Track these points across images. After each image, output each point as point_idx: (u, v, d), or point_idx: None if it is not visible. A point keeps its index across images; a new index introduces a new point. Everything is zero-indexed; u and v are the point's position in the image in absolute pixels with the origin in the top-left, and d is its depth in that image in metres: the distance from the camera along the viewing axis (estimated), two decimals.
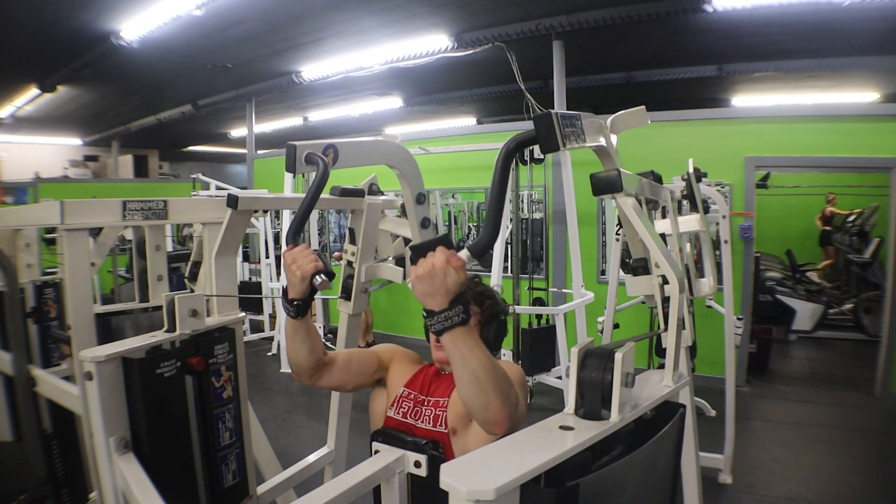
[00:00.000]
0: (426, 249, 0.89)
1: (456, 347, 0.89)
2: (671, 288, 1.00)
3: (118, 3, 4.49)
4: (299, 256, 1.08)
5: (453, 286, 0.87)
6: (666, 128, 4.87)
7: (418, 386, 1.36)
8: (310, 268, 1.07)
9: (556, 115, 0.83)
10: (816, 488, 3.04)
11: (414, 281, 0.88)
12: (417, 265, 0.88)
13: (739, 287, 4.51)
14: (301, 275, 1.07)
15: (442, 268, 0.86)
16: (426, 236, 1.53)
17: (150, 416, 1.12)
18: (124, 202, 1.49)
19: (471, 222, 6.95)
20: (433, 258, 0.87)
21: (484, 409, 0.91)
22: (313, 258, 1.08)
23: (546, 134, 0.83)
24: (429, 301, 0.87)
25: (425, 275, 0.86)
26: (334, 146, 1.12)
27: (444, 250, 0.88)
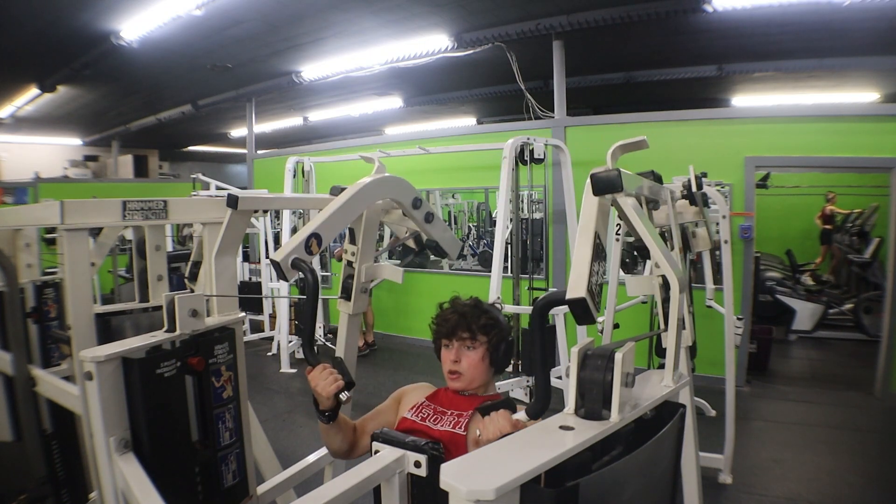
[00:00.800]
0: (491, 409, 1.11)
1: None
2: (671, 288, 1.00)
3: (118, 3, 4.49)
4: (320, 379, 1.20)
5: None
6: (666, 128, 4.87)
7: (438, 400, 1.39)
8: (332, 389, 1.20)
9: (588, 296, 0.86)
10: (816, 488, 3.04)
11: (484, 443, 1.02)
12: (486, 427, 1.06)
13: (739, 287, 4.51)
14: (326, 395, 1.20)
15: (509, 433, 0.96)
16: (435, 227, 1.60)
17: (150, 416, 1.12)
18: (124, 202, 1.49)
19: (471, 222, 6.95)
20: (499, 423, 1.05)
21: None
22: (333, 378, 1.20)
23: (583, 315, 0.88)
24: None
25: (496, 440, 0.99)
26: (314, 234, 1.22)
27: (508, 416, 1.06)
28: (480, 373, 1.36)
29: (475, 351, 1.36)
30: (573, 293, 0.85)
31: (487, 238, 6.62)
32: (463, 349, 1.36)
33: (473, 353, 1.36)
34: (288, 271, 1.16)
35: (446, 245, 1.65)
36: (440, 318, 1.41)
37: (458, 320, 1.37)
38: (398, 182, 1.45)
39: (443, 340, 1.39)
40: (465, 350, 1.36)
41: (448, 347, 1.38)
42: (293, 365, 5.48)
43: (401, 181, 1.46)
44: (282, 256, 1.16)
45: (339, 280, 1.60)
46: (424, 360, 5.67)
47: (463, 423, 1.28)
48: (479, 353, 1.36)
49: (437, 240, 1.62)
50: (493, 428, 1.03)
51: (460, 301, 1.43)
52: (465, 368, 1.35)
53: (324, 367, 1.21)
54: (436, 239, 1.62)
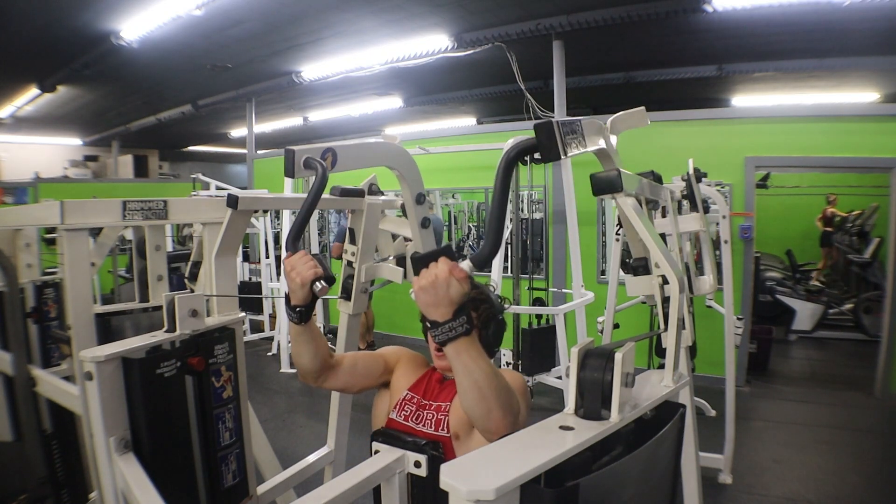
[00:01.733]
0: (428, 260, 0.90)
1: (459, 358, 0.90)
2: (671, 288, 1.00)
3: (118, 3, 4.49)
4: (298, 263, 1.08)
5: (457, 297, 0.87)
6: (666, 128, 4.87)
7: (422, 390, 1.37)
8: (309, 275, 1.07)
9: (556, 123, 0.83)
10: (816, 488, 3.04)
11: (417, 292, 0.88)
12: (420, 276, 0.88)
13: (739, 287, 4.51)
14: (301, 282, 1.08)
15: (445, 279, 0.86)
16: (426, 236, 1.53)
17: (150, 416, 1.12)
18: (124, 202, 1.49)
19: (471, 222, 6.95)
20: (436, 269, 0.87)
21: (485, 417, 0.92)
22: (312, 264, 1.08)
23: (547, 143, 0.83)
24: (432, 312, 0.88)
25: (429, 286, 0.87)
26: (333, 150, 1.11)
27: (447, 261, 0.88)
28: None
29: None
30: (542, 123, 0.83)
31: None
32: None
33: None
34: (298, 167, 1.06)
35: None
36: None
37: None
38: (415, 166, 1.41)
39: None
40: None
41: None
42: (293, 365, 5.47)
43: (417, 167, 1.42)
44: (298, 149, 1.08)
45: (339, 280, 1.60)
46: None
47: (444, 420, 1.27)
48: None
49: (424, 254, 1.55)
50: (428, 273, 0.87)
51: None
52: None
53: (304, 253, 1.11)
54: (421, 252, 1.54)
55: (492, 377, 0.91)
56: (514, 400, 0.96)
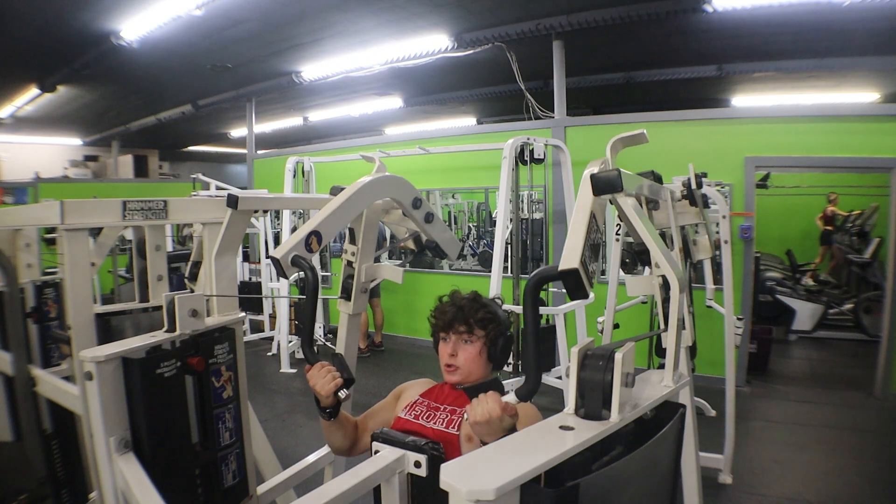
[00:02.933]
0: (479, 391, 1.06)
1: None
2: (671, 288, 1.00)
3: (118, 3, 4.49)
4: (318, 378, 1.21)
5: (508, 427, 0.99)
6: (666, 128, 4.87)
7: (434, 396, 1.39)
8: (331, 387, 1.20)
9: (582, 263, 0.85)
10: (816, 488, 3.04)
11: (473, 424, 1.00)
12: (474, 408, 1.00)
13: (739, 287, 4.51)
14: (325, 394, 1.21)
15: (499, 417, 0.98)
16: (434, 228, 1.59)
17: (150, 416, 1.12)
18: (124, 202, 1.49)
19: (471, 222, 6.95)
20: (487, 405, 0.99)
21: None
22: (332, 377, 1.20)
23: (575, 288, 0.86)
24: (488, 439, 0.99)
25: (484, 422, 0.98)
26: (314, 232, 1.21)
27: (497, 397, 1.00)
28: (477, 367, 1.36)
29: (472, 345, 1.35)
30: (566, 265, 0.84)
31: (487, 238, 6.62)
32: (460, 343, 1.36)
33: (471, 347, 1.35)
34: (288, 269, 1.16)
35: (446, 245, 1.64)
36: (438, 311, 1.40)
37: (455, 313, 1.36)
38: (398, 181, 1.45)
39: (440, 334, 1.39)
40: (462, 344, 1.36)
41: (445, 341, 1.37)
42: (293, 365, 5.48)
43: (401, 181, 1.46)
44: (282, 254, 1.16)
45: (339, 280, 1.60)
46: (426, 360, 5.67)
47: (456, 421, 1.28)
48: (476, 347, 1.35)
49: (436, 240, 1.61)
50: (482, 409, 0.99)
51: (459, 294, 1.42)
52: (461, 362, 1.35)
53: (322, 365, 1.21)
54: (435, 240, 1.61)
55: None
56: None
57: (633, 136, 1.11)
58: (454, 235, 1.69)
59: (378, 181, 1.41)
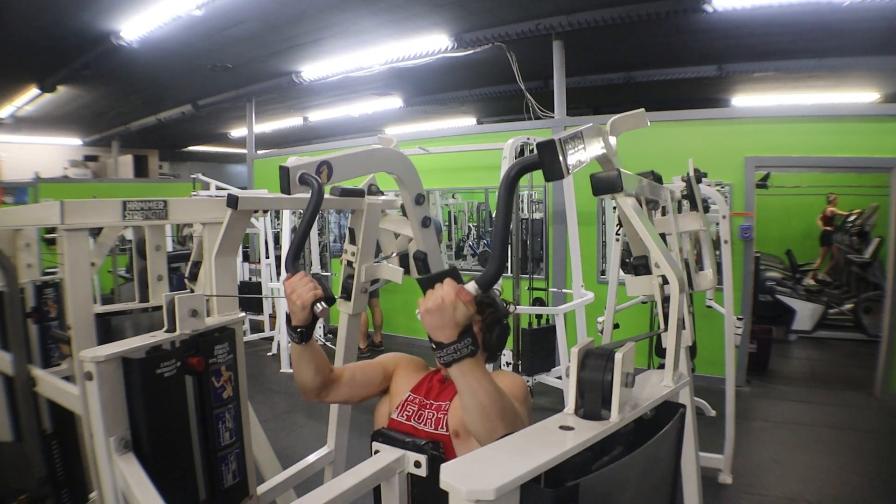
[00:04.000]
0: (434, 281, 0.91)
1: (464, 378, 0.91)
2: (671, 288, 1.00)
3: (118, 3, 4.49)
4: (298, 286, 1.10)
5: (462, 319, 0.89)
6: (666, 128, 4.87)
7: (423, 391, 1.38)
8: (309, 297, 1.09)
9: (559, 140, 0.82)
10: (816, 488, 3.04)
11: (423, 314, 0.89)
12: (426, 298, 0.89)
13: (739, 287, 4.51)
14: (301, 304, 1.09)
15: (451, 302, 0.87)
16: (428, 235, 1.53)
17: (150, 416, 1.12)
18: (124, 202, 1.49)
19: (471, 222, 6.95)
20: (442, 291, 0.88)
21: (488, 436, 0.93)
22: (312, 286, 1.10)
23: (550, 163, 0.83)
24: (438, 334, 0.89)
25: (435, 308, 0.88)
26: (328, 162, 1.12)
27: (453, 283, 0.89)
28: None
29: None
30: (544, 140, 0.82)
31: (487, 238, 6.62)
32: None
33: None
34: (294, 184, 1.08)
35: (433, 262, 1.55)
36: None
37: None
38: (413, 167, 1.41)
39: None
40: None
41: None
42: (293, 365, 5.48)
43: (414, 168, 1.42)
44: (293, 165, 1.09)
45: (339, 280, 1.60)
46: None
47: (443, 420, 1.28)
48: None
49: (427, 251, 1.53)
50: (435, 296, 0.88)
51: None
52: None
53: (303, 275, 1.12)
54: (426, 251, 1.53)
55: (496, 397, 0.93)
56: (518, 418, 0.98)
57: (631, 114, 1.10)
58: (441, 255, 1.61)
59: (397, 153, 1.37)
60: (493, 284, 0.90)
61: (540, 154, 0.83)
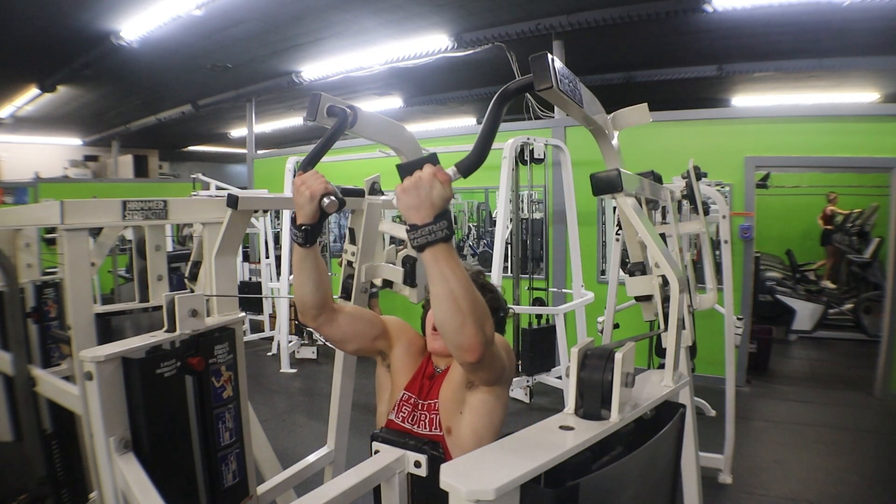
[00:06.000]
0: (413, 167, 0.88)
1: (437, 264, 0.87)
2: (671, 288, 1.00)
3: (118, 3, 4.49)
4: (309, 178, 1.07)
5: (438, 200, 0.86)
6: (666, 128, 4.87)
7: (416, 389, 1.38)
8: (319, 188, 1.06)
9: (551, 57, 0.83)
10: (816, 488, 3.04)
11: (399, 193, 0.86)
12: (405, 183, 0.87)
13: (739, 287, 4.51)
14: (310, 194, 1.06)
15: (428, 180, 0.85)
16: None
17: (150, 416, 1.12)
18: (124, 202, 1.49)
19: (471, 222, 6.95)
20: (420, 172, 0.86)
21: (458, 331, 0.90)
22: (323, 181, 1.07)
23: (541, 71, 0.82)
24: (413, 214, 0.86)
25: (411, 186, 0.85)
26: (356, 108, 1.13)
27: (431, 165, 0.87)
28: None
29: None
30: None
31: (487, 238, 6.62)
32: None
33: None
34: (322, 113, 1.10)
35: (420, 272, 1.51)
36: None
37: None
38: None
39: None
40: None
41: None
42: (293, 365, 5.48)
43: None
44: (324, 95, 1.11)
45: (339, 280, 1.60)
46: None
47: (436, 419, 1.29)
48: None
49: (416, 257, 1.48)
50: (412, 176, 0.86)
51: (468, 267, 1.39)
52: None
53: (315, 172, 1.10)
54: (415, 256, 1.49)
55: (468, 288, 0.89)
56: (488, 322, 0.94)
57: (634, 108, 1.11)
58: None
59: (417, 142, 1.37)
60: (473, 170, 0.88)
61: (532, 63, 0.83)
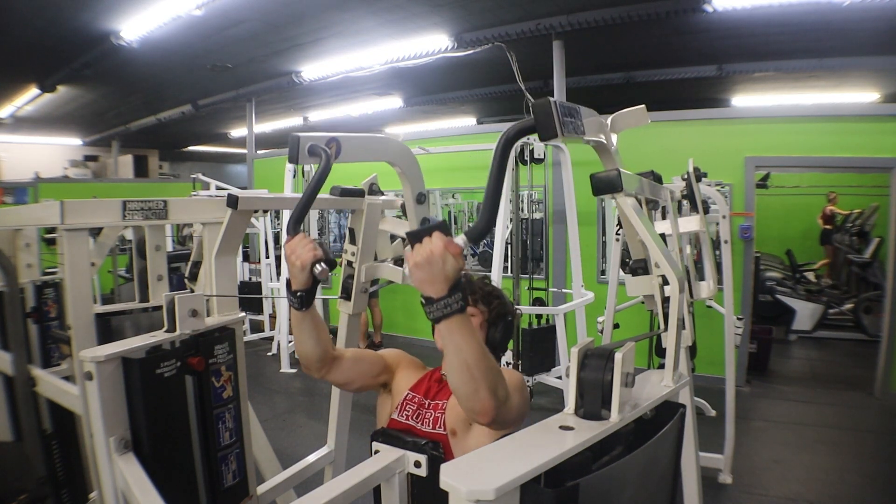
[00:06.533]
0: (423, 235, 0.88)
1: (451, 336, 0.88)
2: (671, 288, 1.00)
3: (118, 3, 4.49)
4: (298, 246, 1.08)
5: (452, 273, 0.86)
6: (666, 128, 4.87)
7: (423, 390, 1.38)
8: (308, 257, 1.06)
9: (554, 102, 0.82)
10: (816, 488, 3.04)
11: (412, 268, 0.87)
12: (415, 251, 0.87)
13: (739, 287, 4.51)
14: (300, 265, 1.07)
15: (440, 254, 0.84)
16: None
17: (150, 416, 1.12)
18: (124, 202, 1.49)
19: (471, 222, 6.95)
20: (430, 244, 0.85)
21: (472, 397, 0.91)
22: (312, 247, 1.07)
23: (544, 120, 0.81)
24: (427, 288, 0.86)
25: (424, 262, 0.85)
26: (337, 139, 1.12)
27: (442, 236, 0.86)
28: None
29: (473, 318, 1.33)
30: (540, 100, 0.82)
31: (487, 238, 6.62)
32: None
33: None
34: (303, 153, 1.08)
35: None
36: None
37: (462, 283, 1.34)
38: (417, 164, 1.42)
39: None
40: None
41: None
42: (293, 365, 5.48)
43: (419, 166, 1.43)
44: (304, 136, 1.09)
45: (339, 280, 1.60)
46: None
47: (441, 419, 1.28)
48: (476, 320, 1.34)
49: None
50: (423, 249, 0.85)
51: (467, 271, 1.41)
52: None
53: (303, 236, 1.10)
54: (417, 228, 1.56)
55: (481, 357, 0.90)
56: (501, 384, 0.95)
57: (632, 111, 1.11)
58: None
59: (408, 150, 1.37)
60: (482, 237, 0.88)
61: (534, 112, 0.82)
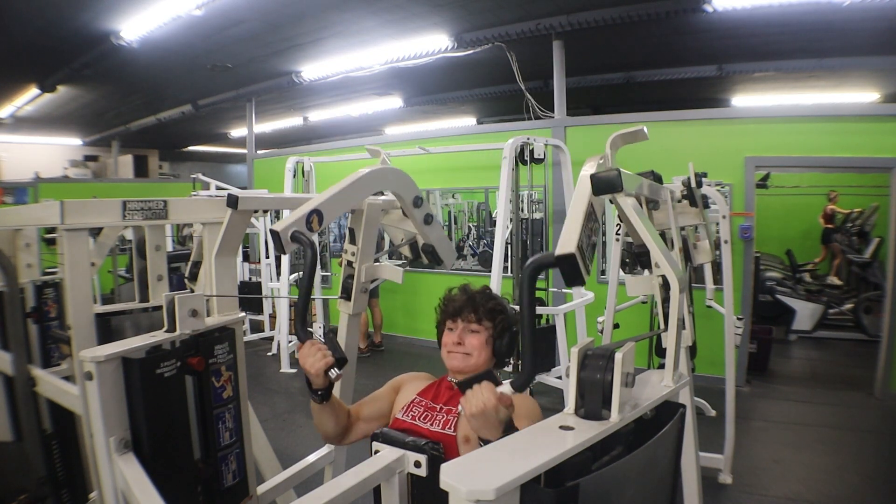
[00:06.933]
0: (472, 383, 1.03)
1: None
2: (671, 288, 1.00)
3: (118, 3, 4.49)
4: (309, 356, 1.16)
5: (504, 418, 0.99)
6: (666, 128, 4.87)
7: (431, 395, 1.39)
8: (321, 366, 1.15)
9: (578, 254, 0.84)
10: (816, 488, 3.04)
11: (469, 418, 0.99)
12: (468, 402, 0.99)
13: (739, 287, 4.51)
14: (315, 373, 1.16)
15: (493, 406, 0.97)
16: (432, 231, 1.58)
17: (150, 416, 1.12)
18: (124, 202, 1.49)
19: (471, 222, 6.94)
20: (482, 396, 0.98)
21: None
22: (322, 354, 1.15)
23: (571, 273, 0.85)
24: (484, 433, 0.99)
25: (479, 413, 0.97)
26: (316, 211, 1.17)
27: (492, 389, 0.98)
28: (481, 356, 1.35)
29: (478, 335, 1.35)
30: (563, 250, 0.84)
31: (487, 238, 6.62)
32: (467, 332, 1.35)
33: (476, 338, 1.35)
34: (287, 243, 1.13)
35: (442, 251, 1.62)
36: (447, 299, 1.41)
37: (465, 301, 1.36)
38: (402, 176, 1.44)
39: (447, 322, 1.39)
40: (468, 333, 1.35)
41: (452, 330, 1.38)
42: (293, 365, 5.48)
43: (405, 176, 1.45)
44: (282, 227, 1.13)
45: (339, 280, 1.60)
46: (426, 360, 5.67)
47: (453, 421, 1.28)
48: (482, 337, 1.35)
49: (433, 244, 1.59)
50: (476, 401, 0.98)
51: (469, 286, 1.43)
52: (467, 348, 1.35)
53: (312, 343, 1.17)
54: (432, 243, 1.59)
55: None
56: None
57: (632, 132, 1.11)
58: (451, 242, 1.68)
59: (383, 171, 1.39)
60: (527, 385, 0.97)
61: (560, 266, 0.85)
